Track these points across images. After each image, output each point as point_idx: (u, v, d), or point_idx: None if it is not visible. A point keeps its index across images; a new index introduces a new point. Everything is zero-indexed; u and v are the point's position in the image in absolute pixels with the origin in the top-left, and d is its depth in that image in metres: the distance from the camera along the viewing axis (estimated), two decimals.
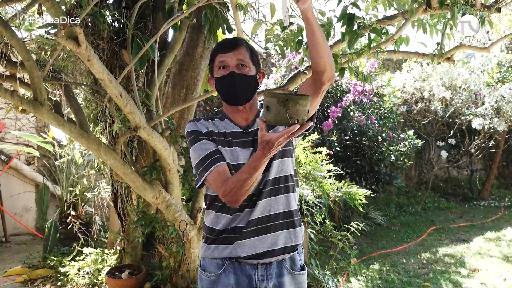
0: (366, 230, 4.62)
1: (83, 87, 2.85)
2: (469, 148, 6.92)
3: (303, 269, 1.49)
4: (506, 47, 6.98)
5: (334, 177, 3.73)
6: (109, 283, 3.14)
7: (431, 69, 6.59)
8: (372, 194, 3.95)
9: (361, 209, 3.57)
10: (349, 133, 5.30)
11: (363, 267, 3.85)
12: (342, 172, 4.16)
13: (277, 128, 1.35)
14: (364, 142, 5.30)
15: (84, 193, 4.46)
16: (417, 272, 3.87)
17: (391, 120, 5.76)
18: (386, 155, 5.40)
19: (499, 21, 4.99)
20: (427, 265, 4.07)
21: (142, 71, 2.77)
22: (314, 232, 3.59)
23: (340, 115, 5.12)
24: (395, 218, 5.98)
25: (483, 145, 6.85)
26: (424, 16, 2.83)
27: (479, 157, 7.42)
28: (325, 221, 3.51)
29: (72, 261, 3.69)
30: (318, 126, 4.99)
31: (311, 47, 1.28)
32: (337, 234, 3.44)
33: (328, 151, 3.79)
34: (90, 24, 2.58)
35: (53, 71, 2.47)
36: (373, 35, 2.68)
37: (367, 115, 5.39)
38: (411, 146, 5.82)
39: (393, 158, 5.49)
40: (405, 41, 2.99)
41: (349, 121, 5.34)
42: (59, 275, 3.50)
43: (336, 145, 5.12)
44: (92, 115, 2.99)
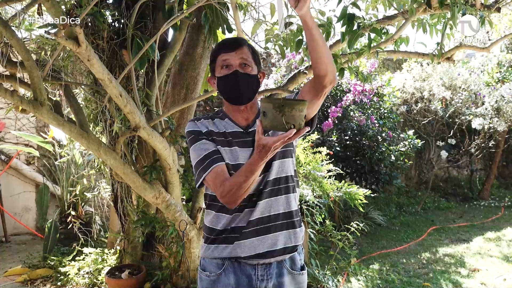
0: (366, 230, 4.62)
1: (83, 87, 2.85)
2: (469, 148, 6.92)
3: (303, 269, 1.48)
4: (506, 47, 6.98)
5: (334, 177, 3.73)
6: (109, 283, 3.14)
7: (431, 69, 6.59)
8: (372, 194, 3.95)
9: (361, 209, 3.57)
10: (349, 133, 5.30)
11: (363, 267, 3.85)
12: (342, 172, 4.16)
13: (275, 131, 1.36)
14: (364, 142, 5.30)
15: (84, 193, 4.46)
16: (417, 272, 3.87)
17: (391, 120, 5.76)
18: (386, 155, 5.40)
19: (499, 21, 4.99)
20: (427, 265, 4.07)
21: (142, 71, 2.77)
22: (314, 232, 3.59)
23: (340, 115, 5.12)
24: (395, 218, 5.97)
25: (483, 145, 6.85)
26: (424, 16, 2.83)
27: (479, 157, 7.42)
28: (325, 221, 3.51)
29: (72, 261, 3.69)
30: (318, 126, 4.99)
31: (311, 51, 1.27)
32: (337, 234, 3.44)
33: (328, 151, 3.79)
34: (90, 24, 2.59)
35: (53, 71, 2.47)
36: (373, 35, 2.68)
37: (367, 115, 5.39)
38: (411, 146, 5.82)
39: (393, 158, 5.49)
40: (405, 41, 3.00)
41: (349, 121, 5.34)
42: (59, 275, 3.50)
43: (336, 145, 5.12)
44: (92, 115, 2.99)
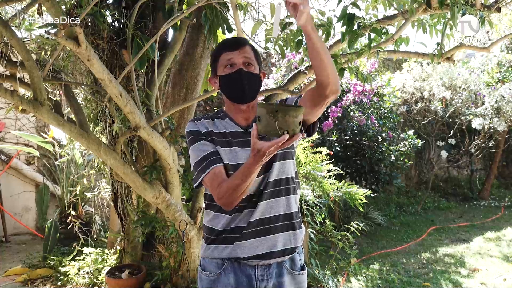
0: (366, 230, 4.62)
1: (83, 87, 2.85)
2: (469, 148, 6.92)
3: (303, 269, 1.48)
4: (506, 47, 6.97)
5: (334, 177, 3.73)
6: (109, 283, 3.14)
7: (431, 69, 6.58)
8: (372, 194, 3.95)
9: (361, 209, 3.57)
10: (349, 133, 5.30)
11: (363, 267, 3.85)
12: (342, 172, 4.16)
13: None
14: (364, 142, 5.31)
15: (84, 193, 4.46)
16: (417, 272, 3.87)
17: (391, 120, 5.76)
18: (386, 155, 5.40)
19: (499, 21, 4.98)
20: (427, 265, 4.07)
21: (142, 71, 2.77)
22: (314, 232, 3.59)
23: (340, 115, 5.12)
24: (395, 218, 5.97)
25: (483, 145, 6.85)
26: (424, 16, 2.83)
27: (479, 157, 7.42)
28: (325, 221, 3.51)
29: (72, 261, 3.69)
30: (318, 126, 4.99)
31: (313, 61, 1.25)
32: (337, 234, 3.44)
33: (328, 151, 3.79)
34: (90, 24, 2.58)
35: (53, 71, 2.47)
36: (373, 35, 2.68)
37: (367, 115, 5.39)
38: (411, 146, 5.82)
39: (393, 158, 5.49)
40: (405, 41, 2.99)
41: (349, 121, 5.34)
42: (59, 275, 3.50)
43: (336, 145, 5.12)
44: (92, 115, 2.99)
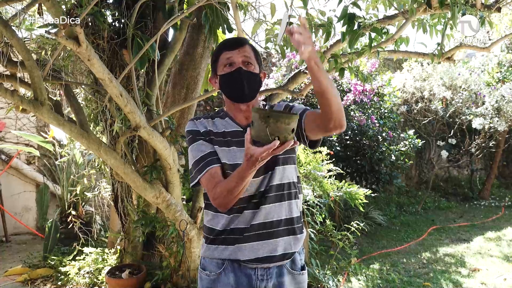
0: (366, 229, 4.61)
1: (83, 86, 2.86)
2: (470, 147, 6.92)
3: (303, 269, 1.48)
4: (506, 47, 6.97)
5: (334, 177, 3.73)
6: (109, 282, 3.14)
7: (432, 69, 6.58)
8: (372, 193, 3.95)
9: (361, 208, 3.57)
10: (350, 132, 5.30)
11: (364, 266, 3.85)
12: (342, 171, 4.16)
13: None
14: (364, 141, 5.30)
15: (84, 193, 4.46)
16: (418, 271, 3.87)
17: (392, 119, 5.76)
18: (386, 154, 5.40)
19: (499, 21, 4.97)
20: (428, 264, 4.07)
21: (142, 70, 2.77)
22: (314, 231, 3.58)
23: None
24: (395, 217, 5.97)
25: (483, 145, 6.85)
26: (424, 16, 2.83)
27: (479, 157, 7.41)
28: (326, 220, 3.51)
29: (72, 261, 3.69)
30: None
31: (317, 95, 1.20)
32: (337, 233, 3.44)
33: (328, 150, 3.79)
34: (90, 23, 2.59)
35: (53, 70, 2.47)
36: (373, 35, 2.68)
37: (367, 114, 5.39)
38: (412, 145, 5.82)
39: (393, 157, 5.49)
40: (405, 41, 3.00)
41: (349, 120, 5.34)
42: (59, 275, 3.50)
43: (336, 144, 5.12)
44: (92, 114, 2.99)
